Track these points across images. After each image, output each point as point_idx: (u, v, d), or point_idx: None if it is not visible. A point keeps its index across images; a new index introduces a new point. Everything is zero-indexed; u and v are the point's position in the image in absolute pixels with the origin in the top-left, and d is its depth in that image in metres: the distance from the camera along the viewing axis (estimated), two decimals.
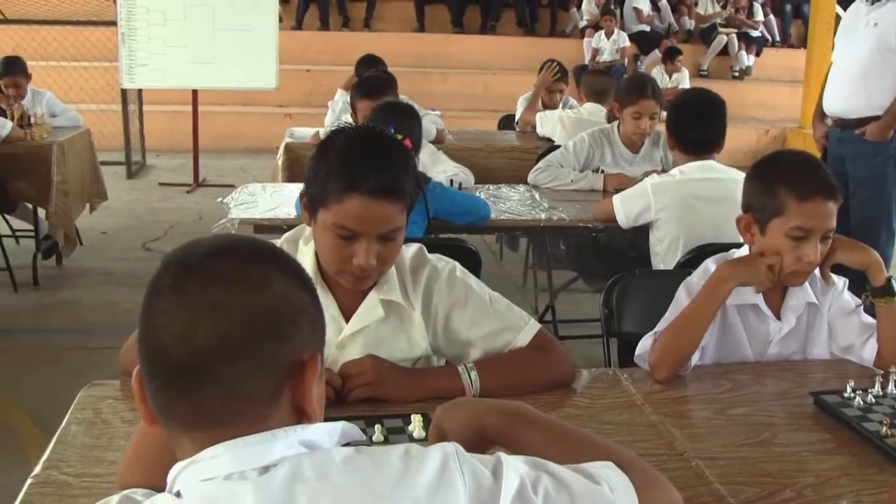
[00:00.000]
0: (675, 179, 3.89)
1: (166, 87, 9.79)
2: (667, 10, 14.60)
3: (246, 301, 1.19)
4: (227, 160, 10.86)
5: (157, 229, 7.90)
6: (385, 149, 2.15)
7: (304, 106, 11.78)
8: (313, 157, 2.18)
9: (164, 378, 1.20)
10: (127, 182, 9.85)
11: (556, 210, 4.43)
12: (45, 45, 11.10)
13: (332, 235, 2.10)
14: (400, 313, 2.27)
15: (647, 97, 4.79)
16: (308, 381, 1.22)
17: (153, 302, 1.21)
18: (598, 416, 2.15)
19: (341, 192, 2.05)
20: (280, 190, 4.72)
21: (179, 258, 1.24)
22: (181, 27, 9.18)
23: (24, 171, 6.27)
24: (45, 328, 5.77)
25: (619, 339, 3.04)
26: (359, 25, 13.97)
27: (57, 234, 6.53)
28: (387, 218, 2.08)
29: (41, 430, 4.31)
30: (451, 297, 2.28)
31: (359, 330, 2.24)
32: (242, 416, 1.18)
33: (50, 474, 1.86)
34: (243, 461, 1.15)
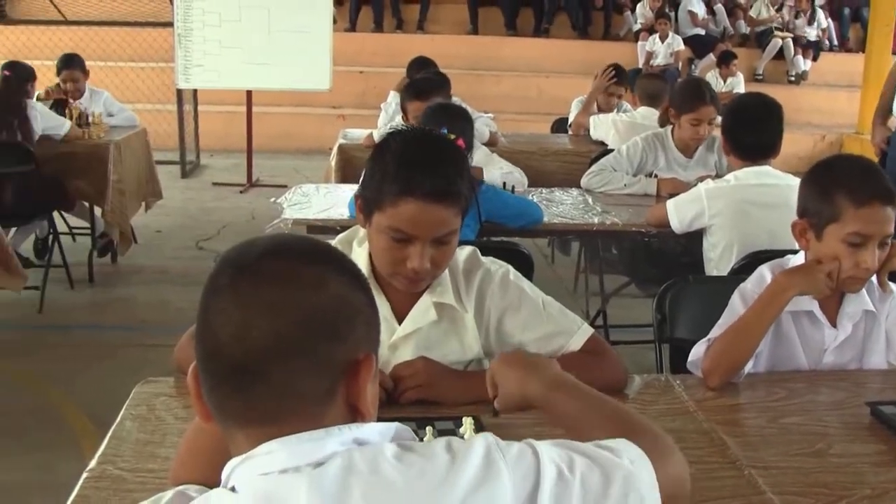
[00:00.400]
0: (729, 185, 3.85)
1: (221, 87, 9.88)
2: (722, 13, 14.48)
3: (301, 301, 1.20)
4: (280, 161, 10.93)
5: (211, 228, 7.98)
6: (441, 152, 2.15)
7: (357, 107, 11.83)
8: (369, 160, 2.19)
9: (219, 376, 1.21)
10: (181, 181, 9.95)
11: (608, 214, 4.40)
12: (104, 45, 11.25)
13: (387, 238, 2.10)
14: (452, 316, 2.27)
15: (705, 103, 4.74)
16: (362, 380, 1.23)
17: (210, 301, 1.23)
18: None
19: (396, 195, 2.06)
20: (333, 191, 4.74)
21: (235, 258, 1.25)
22: (236, 28, 9.27)
23: (81, 169, 6.37)
24: (100, 325, 5.84)
25: (671, 344, 3.02)
26: (412, 27, 14.00)
27: (113, 233, 6.60)
28: (442, 221, 2.08)
29: (95, 425, 4.37)
30: (504, 301, 2.28)
31: (411, 332, 2.25)
32: (297, 414, 1.19)
33: (105, 468, 1.88)
34: (298, 457, 1.16)
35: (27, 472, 4.00)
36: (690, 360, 2.46)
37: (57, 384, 4.88)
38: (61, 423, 4.50)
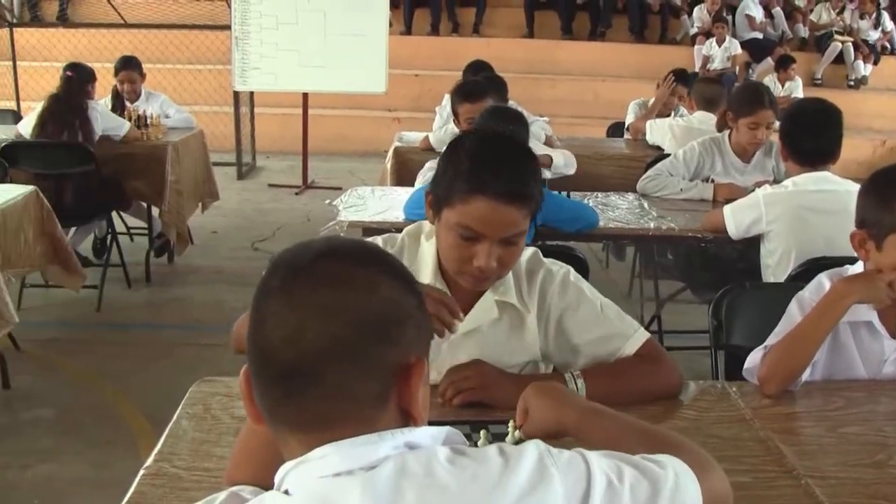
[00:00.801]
0: (787, 191, 3.81)
1: (278, 90, 9.96)
2: (780, 17, 14.31)
3: (354, 303, 1.20)
4: (336, 163, 10.98)
5: (266, 230, 8.04)
6: (514, 154, 2.16)
7: (413, 110, 11.85)
8: (442, 157, 2.21)
9: (272, 379, 1.21)
10: (237, 183, 10.04)
11: (664, 219, 4.37)
12: (162, 48, 11.38)
13: (455, 235, 2.11)
14: (513, 315, 2.28)
15: (764, 107, 4.68)
16: (414, 384, 1.23)
17: (262, 303, 1.23)
18: (706, 429, 2.12)
19: (468, 192, 2.06)
20: (389, 193, 4.75)
21: (288, 260, 1.25)
22: (293, 31, 9.34)
23: (139, 170, 6.45)
24: (156, 324, 5.92)
25: (726, 351, 2.99)
26: (468, 31, 14.00)
27: (170, 233, 6.67)
28: (511, 222, 2.08)
29: (151, 423, 4.43)
30: (564, 301, 2.28)
31: (472, 330, 2.25)
32: (349, 418, 1.20)
33: (161, 466, 1.90)
34: (351, 460, 1.16)
35: (84, 469, 4.05)
36: (746, 368, 2.44)
37: (114, 382, 4.95)
38: (118, 420, 4.55)
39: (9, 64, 11.11)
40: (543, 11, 13.99)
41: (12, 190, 4.94)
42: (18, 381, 4.89)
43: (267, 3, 9.36)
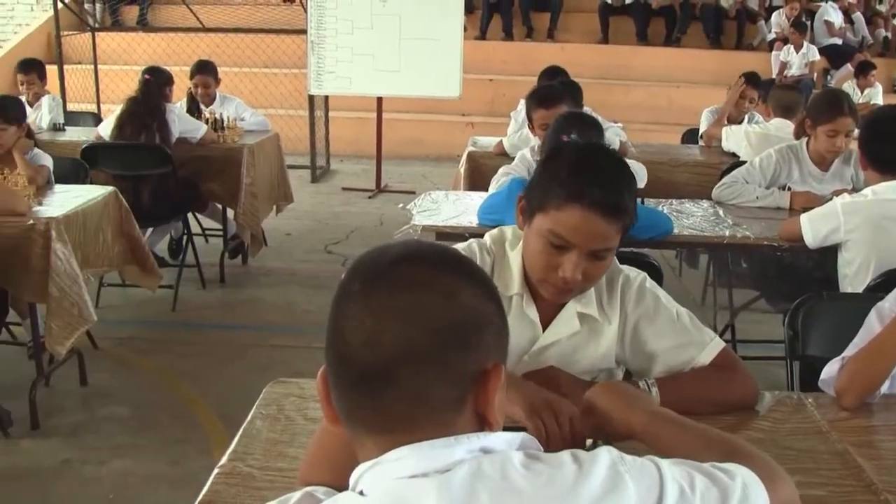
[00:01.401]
0: (867, 199, 3.75)
1: (352, 94, 10.02)
2: (861, 22, 14.07)
3: (433, 308, 1.20)
4: (409, 167, 11.03)
5: (339, 233, 8.09)
6: (614, 168, 2.14)
7: (486, 115, 11.86)
8: (539, 164, 2.22)
9: (349, 382, 1.22)
10: (311, 186, 10.12)
11: (740, 227, 4.32)
12: (239, 52, 11.52)
13: (545, 242, 2.10)
14: (592, 325, 2.27)
15: (843, 114, 4.60)
16: (491, 389, 1.22)
17: (341, 306, 1.24)
18: (781, 441, 2.09)
19: (563, 199, 2.06)
20: (462, 198, 4.75)
21: (368, 264, 1.26)
22: (368, 36, 9.40)
23: (215, 172, 6.53)
24: (229, 324, 5.98)
25: (801, 362, 2.95)
26: (542, 36, 13.98)
27: (244, 235, 6.75)
28: (603, 235, 2.07)
29: (224, 422, 4.48)
30: (641, 308, 2.26)
31: (552, 343, 2.25)
32: (426, 422, 1.20)
33: (235, 465, 1.92)
34: (427, 463, 1.16)
35: (159, 466, 4.11)
36: (823, 379, 2.40)
37: (188, 381, 5.01)
38: (192, 419, 4.62)
39: (90, 67, 11.33)
40: (618, 17, 13.92)
41: (92, 191, 5.03)
42: (96, 378, 4.98)
43: (343, 7, 9.43)
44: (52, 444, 4.31)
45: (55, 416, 4.59)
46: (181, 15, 12.51)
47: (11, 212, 4.33)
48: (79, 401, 4.82)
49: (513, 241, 2.30)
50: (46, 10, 13.46)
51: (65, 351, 4.47)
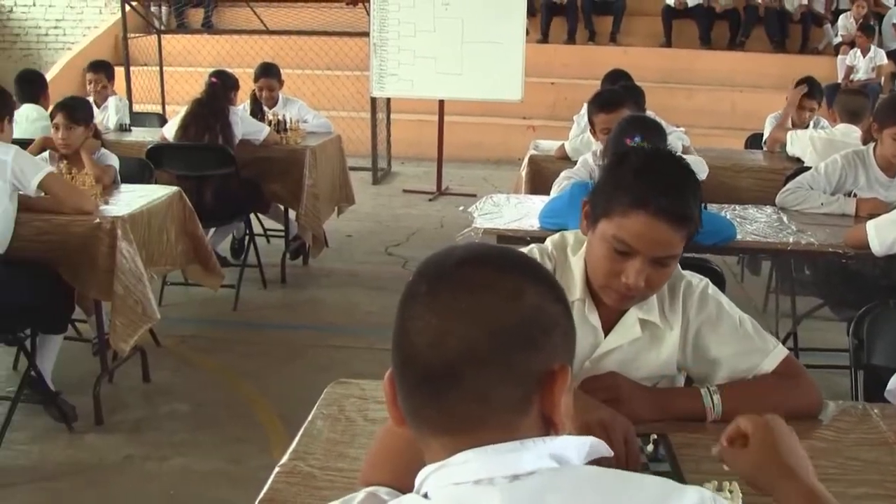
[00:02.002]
0: None
1: (414, 96, 10.05)
2: None
3: (499, 310, 1.19)
4: (469, 169, 11.03)
5: (400, 235, 8.12)
6: (681, 175, 2.13)
7: (548, 118, 11.83)
8: (605, 169, 2.23)
9: (415, 383, 1.22)
10: (372, 188, 10.16)
11: (804, 234, 4.26)
12: (302, 54, 11.60)
13: (608, 248, 2.09)
14: (653, 331, 2.25)
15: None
16: (557, 391, 1.20)
17: (407, 307, 1.24)
18: (845, 451, 2.05)
19: (629, 205, 2.05)
20: (524, 201, 4.74)
21: (434, 265, 1.26)
22: (431, 39, 9.43)
23: (278, 173, 6.58)
24: (290, 324, 6.02)
25: (866, 371, 2.91)
26: (605, 39, 13.90)
27: (305, 235, 6.78)
28: (667, 242, 2.06)
29: (283, 421, 4.52)
30: (703, 314, 2.24)
31: (613, 349, 2.24)
32: (491, 423, 1.18)
33: (296, 465, 1.93)
34: (493, 468, 1.15)
35: (218, 463, 4.15)
36: (889, 389, 2.37)
37: (249, 380, 5.06)
38: (252, 417, 4.65)
39: (156, 69, 11.48)
40: (682, 20, 13.80)
41: (157, 190, 5.09)
42: (158, 375, 5.05)
43: (405, 10, 9.47)
44: (114, 440, 4.38)
45: (118, 412, 4.65)
46: (245, 17, 12.64)
47: (79, 210, 4.40)
48: (141, 397, 4.89)
49: (574, 246, 2.29)
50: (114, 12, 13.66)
51: (128, 348, 4.53)
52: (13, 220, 4.29)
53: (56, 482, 4.04)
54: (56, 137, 5.05)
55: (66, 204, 4.39)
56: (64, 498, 3.91)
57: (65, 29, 15.11)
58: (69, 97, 5.41)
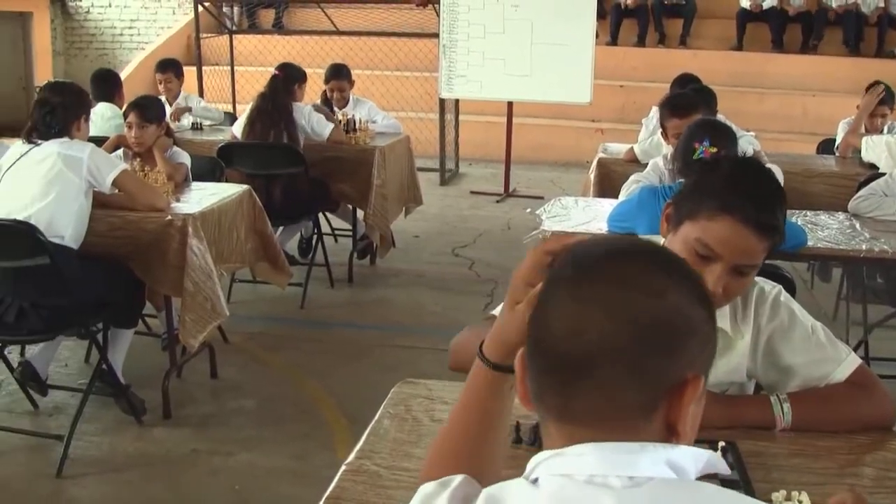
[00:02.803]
0: None
1: (483, 98, 10.05)
2: None
3: (641, 307, 1.16)
4: (537, 172, 11.00)
5: (467, 236, 8.12)
6: (771, 186, 2.12)
7: (616, 121, 11.75)
8: (694, 175, 2.21)
9: (545, 367, 1.20)
10: (440, 189, 10.18)
11: (877, 241, 4.18)
12: (371, 55, 11.67)
13: (690, 251, 2.07)
14: (724, 339, 2.21)
15: None
16: (686, 401, 1.16)
17: (549, 292, 1.23)
18: None
19: (716, 209, 2.04)
20: (592, 204, 4.72)
21: (581, 254, 1.24)
22: (500, 40, 9.42)
23: (347, 173, 6.61)
24: (357, 324, 6.05)
25: None
26: (674, 42, 13.78)
27: (373, 235, 6.81)
28: (751, 251, 2.05)
29: (348, 419, 4.55)
30: (775, 321, 2.21)
31: None
32: (613, 421, 1.16)
33: (362, 464, 1.94)
34: (608, 466, 1.12)
35: (283, 459, 4.19)
36: None
37: (314, 377, 5.09)
38: (317, 415, 4.69)
39: (227, 68, 11.62)
40: (755, 23, 13.62)
41: (227, 189, 5.15)
42: (225, 371, 5.11)
43: (475, 12, 9.48)
44: (182, 434, 4.44)
45: (186, 406, 4.72)
46: (315, 18, 12.73)
47: (152, 207, 4.47)
48: (209, 393, 4.95)
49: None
50: (187, 13, 13.84)
51: (197, 344, 4.58)
52: (88, 216, 4.37)
53: (124, 473, 4.10)
54: (129, 136, 5.14)
55: (139, 201, 4.46)
56: (132, 489, 3.97)
57: (139, 29, 15.35)
58: (141, 96, 5.50)
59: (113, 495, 3.93)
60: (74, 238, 4.30)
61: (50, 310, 4.23)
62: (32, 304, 4.21)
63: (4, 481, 4.04)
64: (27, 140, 4.38)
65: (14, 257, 4.16)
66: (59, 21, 15.18)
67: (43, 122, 4.36)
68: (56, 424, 4.50)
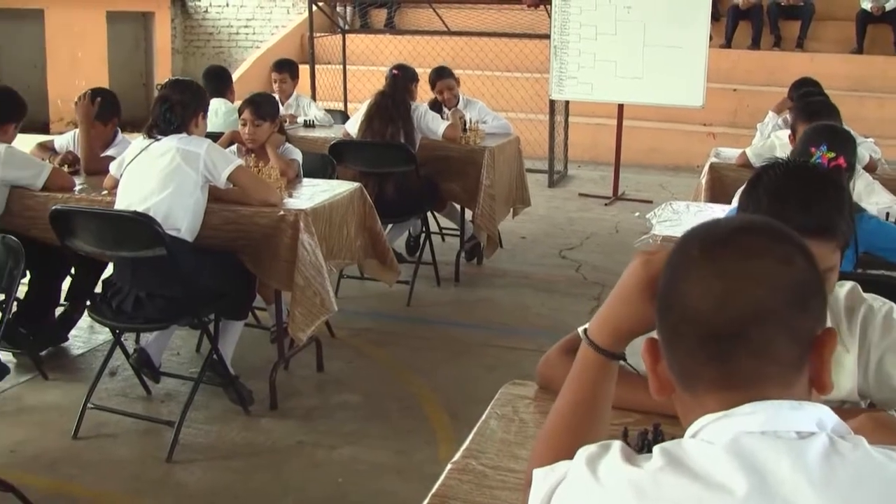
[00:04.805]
0: None
1: (593, 100, 9.97)
2: None
3: (777, 273, 1.26)
4: (646, 175, 10.91)
5: (574, 238, 8.08)
6: (817, 187, 2.07)
7: (728, 126, 11.58)
8: (743, 192, 2.15)
9: (696, 343, 1.28)
10: (548, 190, 10.14)
11: None
12: (482, 55, 11.69)
13: None
14: None
15: None
16: (827, 353, 1.28)
17: (680, 272, 1.31)
18: None
19: None
20: (704, 210, 4.64)
21: (704, 233, 1.33)
22: (611, 42, 9.35)
23: (456, 172, 6.63)
24: (461, 323, 6.06)
25: None
26: (791, 45, 13.47)
27: (480, 236, 6.82)
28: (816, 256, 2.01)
29: (450, 417, 4.56)
30: (888, 340, 2.14)
31: None
32: (773, 379, 1.25)
33: (468, 463, 1.95)
34: (778, 422, 1.21)
35: (386, 455, 4.22)
36: None
37: (418, 374, 5.13)
38: (420, 411, 4.72)
39: (339, 67, 11.76)
40: (875, 25, 13.23)
41: (339, 185, 5.21)
42: (331, 365, 5.18)
43: (587, 13, 9.42)
44: (287, 426, 4.51)
45: (292, 398, 4.79)
46: (427, 18, 12.81)
47: (265, 203, 4.55)
48: (314, 386, 5.02)
49: None
50: (301, 13, 14.08)
51: (305, 338, 4.65)
52: (203, 209, 4.47)
53: (231, 461, 4.19)
54: (243, 132, 5.24)
55: (253, 196, 4.55)
56: (237, 477, 4.05)
57: (254, 28, 15.65)
58: (256, 94, 5.59)
59: (219, 482, 4.01)
60: (190, 231, 4.41)
61: (165, 300, 4.33)
62: (149, 293, 4.32)
63: (119, 462, 4.18)
64: (147, 135, 4.51)
65: (133, 248, 4.28)
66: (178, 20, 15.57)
67: (163, 118, 4.47)
68: (167, 410, 4.62)
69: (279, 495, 3.91)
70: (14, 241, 3.79)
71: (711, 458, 1.20)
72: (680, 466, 1.20)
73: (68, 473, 4.06)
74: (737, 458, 1.18)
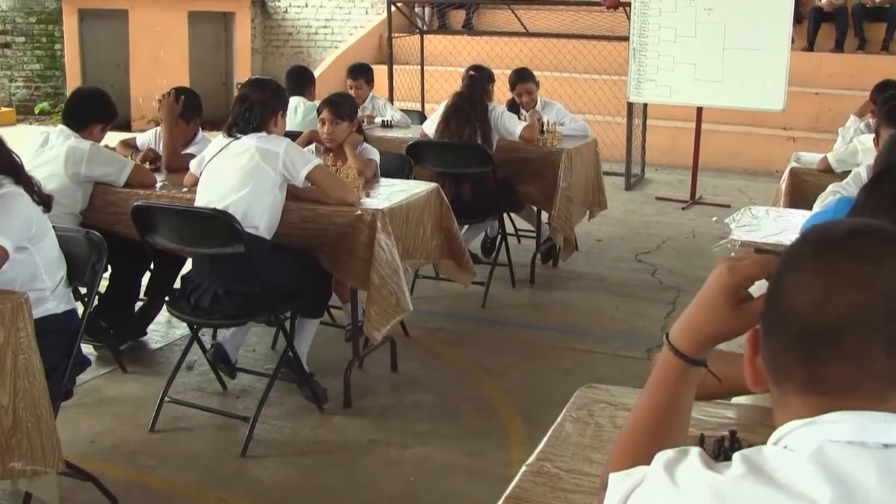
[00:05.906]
0: None
1: (672, 103, 9.89)
2: None
3: (883, 280, 1.21)
4: (724, 179, 10.78)
5: (651, 242, 8.01)
6: None
7: (809, 130, 11.40)
8: (863, 188, 2.12)
9: (790, 342, 1.25)
10: (625, 193, 10.07)
11: None
12: (560, 57, 11.64)
13: None
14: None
15: None
16: None
17: (788, 269, 1.28)
18: None
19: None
20: (784, 215, 4.56)
21: (819, 233, 1.30)
22: (691, 44, 9.25)
23: (533, 174, 6.62)
24: (536, 325, 6.05)
25: None
26: (876, 48, 13.20)
27: (556, 238, 6.79)
28: None
29: (523, 419, 4.56)
30: None
31: None
32: (863, 390, 1.20)
33: (543, 465, 1.94)
34: (866, 433, 1.17)
35: (458, 455, 4.23)
36: None
37: (492, 376, 5.13)
38: (492, 412, 4.72)
39: (416, 68, 11.81)
40: None
41: (416, 186, 5.23)
42: (405, 365, 5.19)
43: (666, 15, 9.34)
44: (361, 424, 4.54)
45: (366, 397, 4.82)
46: (505, 19, 12.81)
47: (343, 202, 4.58)
48: (388, 385, 5.05)
49: None
50: (380, 13, 14.17)
51: (380, 337, 4.67)
52: (281, 208, 4.52)
53: (304, 458, 4.24)
54: (322, 132, 5.28)
55: (331, 195, 4.58)
56: (310, 474, 4.09)
57: (333, 28, 15.77)
58: (335, 94, 5.64)
59: (292, 478, 4.06)
60: (268, 229, 4.46)
61: (242, 296, 4.39)
62: (226, 290, 4.38)
63: (195, 456, 4.24)
64: (227, 134, 4.57)
65: (212, 245, 4.34)
66: (258, 20, 15.74)
67: (242, 117, 4.53)
68: (242, 406, 4.69)
69: (350, 493, 3.94)
70: (97, 236, 3.86)
71: (794, 466, 1.17)
72: (761, 474, 1.18)
73: (145, 465, 4.14)
74: (821, 466, 1.15)
